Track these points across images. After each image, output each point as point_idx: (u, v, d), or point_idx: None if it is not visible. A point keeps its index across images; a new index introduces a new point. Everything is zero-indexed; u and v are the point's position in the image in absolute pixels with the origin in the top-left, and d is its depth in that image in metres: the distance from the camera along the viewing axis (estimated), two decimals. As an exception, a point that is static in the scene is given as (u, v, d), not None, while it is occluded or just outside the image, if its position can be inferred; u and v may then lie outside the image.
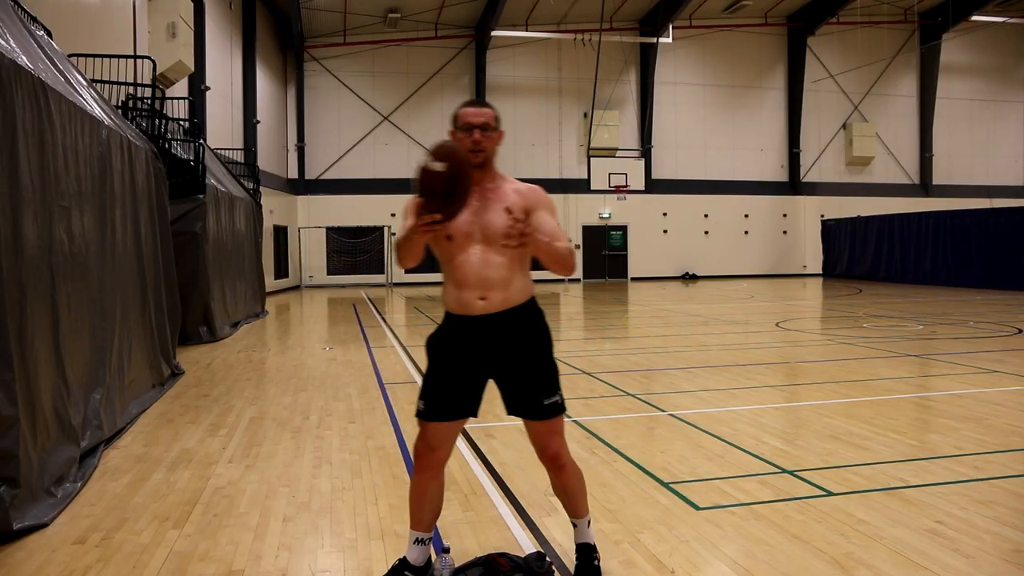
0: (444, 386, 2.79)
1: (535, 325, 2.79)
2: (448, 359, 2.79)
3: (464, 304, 2.72)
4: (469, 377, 2.78)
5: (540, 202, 2.79)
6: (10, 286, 3.64)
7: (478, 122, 2.73)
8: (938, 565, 2.93)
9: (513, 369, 2.75)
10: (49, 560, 3.14)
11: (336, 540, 3.34)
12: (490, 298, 2.70)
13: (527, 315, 2.77)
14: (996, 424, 5.20)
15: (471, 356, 2.75)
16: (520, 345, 2.75)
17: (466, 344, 2.75)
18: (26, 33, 5.24)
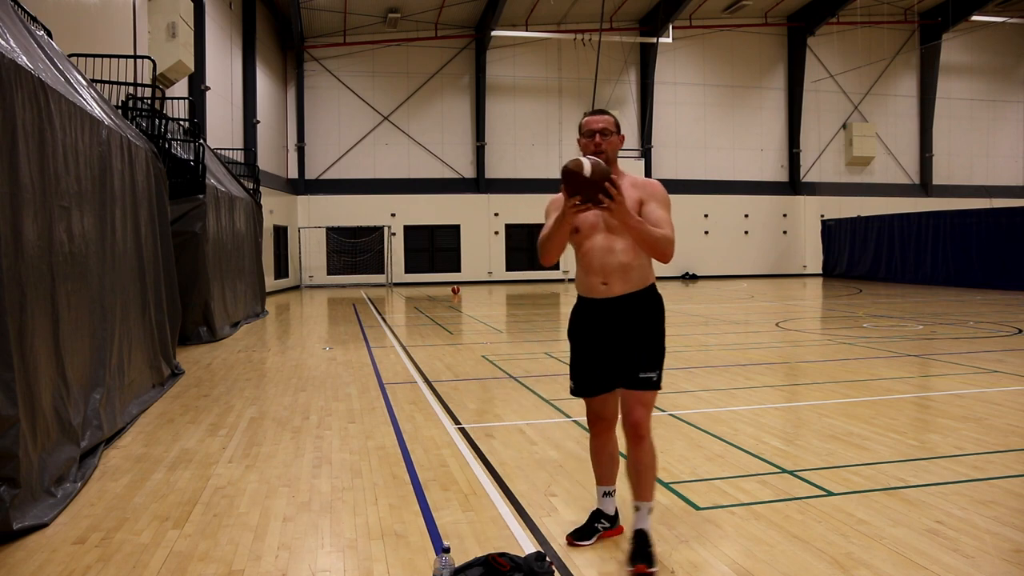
0: (583, 365, 3.19)
1: (651, 309, 3.12)
2: (581, 339, 3.19)
3: (590, 288, 3.12)
4: (601, 353, 3.12)
5: (654, 195, 3.09)
6: (10, 286, 3.63)
7: (598, 127, 3.11)
8: (938, 565, 2.93)
9: (626, 345, 3.08)
10: (49, 560, 3.14)
11: (336, 540, 3.34)
12: (611, 283, 3.06)
13: (645, 300, 3.11)
14: (996, 424, 5.20)
15: (598, 334, 3.12)
16: (634, 323, 3.08)
17: (593, 323, 3.13)
18: (26, 33, 5.24)
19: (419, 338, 11.01)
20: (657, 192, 3.11)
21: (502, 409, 5.99)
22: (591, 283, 3.10)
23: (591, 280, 3.10)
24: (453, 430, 5.29)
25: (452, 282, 25.33)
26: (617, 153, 3.16)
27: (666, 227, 2.97)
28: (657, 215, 3.01)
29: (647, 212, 3.02)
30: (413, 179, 26.89)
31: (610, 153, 3.11)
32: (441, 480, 4.15)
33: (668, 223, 3.01)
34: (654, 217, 3.00)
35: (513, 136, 27.48)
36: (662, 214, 3.02)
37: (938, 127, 30.23)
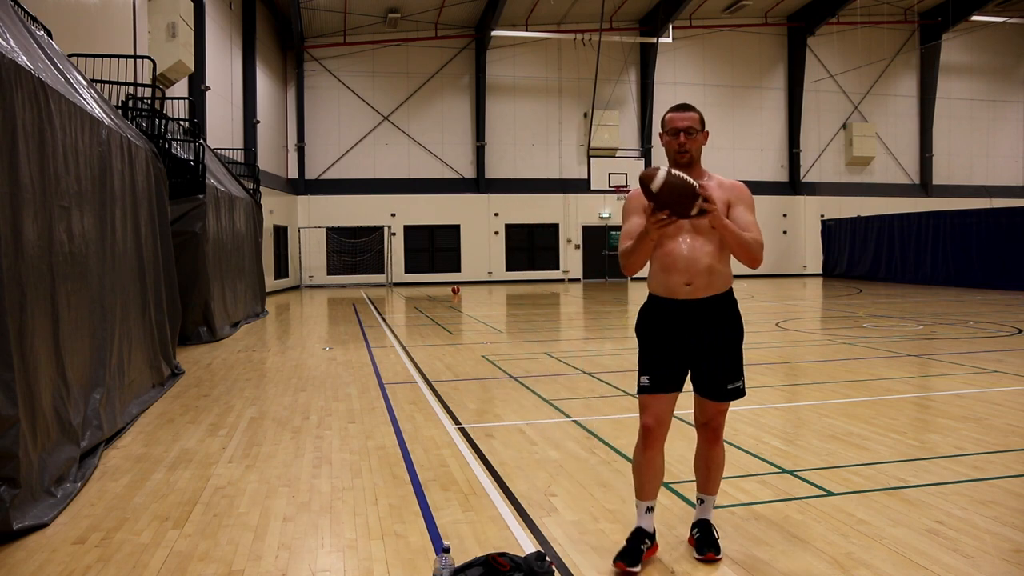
0: (661, 360, 3.03)
1: (733, 313, 3.07)
2: (659, 337, 3.05)
3: (671, 288, 3.00)
4: (677, 354, 3.04)
5: (741, 198, 3.04)
6: (10, 286, 3.63)
7: (683, 126, 3.01)
8: (938, 565, 2.93)
9: (708, 353, 3.02)
10: (49, 560, 3.14)
11: (336, 540, 3.34)
12: (695, 283, 2.97)
13: (726, 304, 3.05)
14: (996, 424, 5.20)
15: (677, 335, 3.02)
16: (718, 331, 3.02)
17: (672, 324, 3.02)
18: (26, 33, 5.24)
19: (419, 338, 11.01)
20: (744, 195, 3.06)
21: (502, 409, 5.99)
22: (673, 283, 2.99)
23: (673, 280, 2.99)
24: (453, 430, 5.29)
25: (452, 282, 25.33)
26: (701, 152, 3.07)
27: (755, 231, 2.95)
28: (746, 219, 2.97)
29: (736, 216, 2.97)
30: (413, 179, 26.89)
31: (695, 153, 3.03)
32: (441, 480, 4.15)
33: (756, 227, 2.98)
34: (743, 221, 2.96)
35: (513, 136, 27.48)
36: (750, 218, 2.99)
37: (938, 127, 30.23)
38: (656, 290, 3.07)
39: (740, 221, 2.96)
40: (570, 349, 9.61)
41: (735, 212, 2.99)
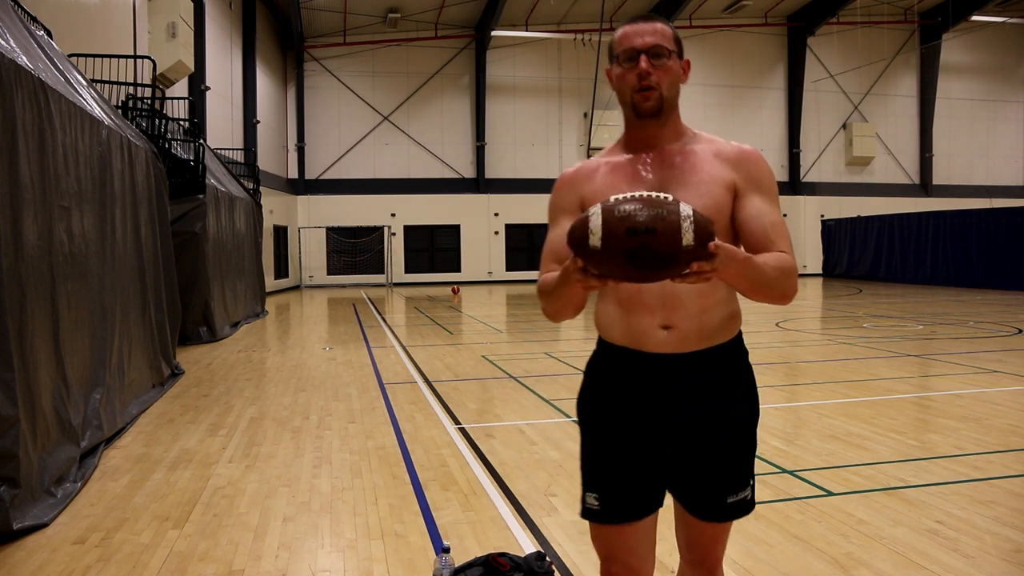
0: (619, 464, 1.80)
1: (741, 378, 1.86)
2: (616, 420, 1.79)
3: (637, 335, 1.75)
4: (648, 450, 1.79)
5: (754, 177, 1.74)
6: (10, 286, 3.64)
7: (645, 44, 1.71)
8: (938, 565, 2.93)
9: (701, 445, 1.79)
10: (49, 560, 3.14)
11: (336, 540, 3.34)
12: (677, 327, 1.72)
13: (731, 361, 1.83)
14: (996, 424, 5.20)
15: (648, 416, 1.77)
16: (717, 408, 1.79)
17: (640, 397, 1.77)
18: (26, 33, 5.24)
19: (419, 338, 11.01)
20: (760, 172, 1.75)
21: (502, 409, 5.99)
22: (640, 326, 1.75)
23: (640, 321, 1.75)
24: (453, 430, 5.29)
25: (452, 282, 25.33)
26: (678, 91, 1.76)
27: (782, 241, 1.69)
28: (765, 219, 1.70)
29: (751, 214, 1.71)
30: (413, 179, 26.90)
31: (667, 94, 1.72)
32: (441, 480, 4.15)
33: (783, 232, 1.71)
34: (761, 225, 1.70)
35: (513, 136, 27.48)
36: (772, 216, 1.72)
37: (938, 127, 30.23)
38: (611, 335, 1.81)
39: (754, 225, 1.70)
40: (570, 349, 9.61)
41: (746, 205, 1.72)
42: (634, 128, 1.80)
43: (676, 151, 1.78)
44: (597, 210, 1.40)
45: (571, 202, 1.83)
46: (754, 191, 1.74)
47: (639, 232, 1.35)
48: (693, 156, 1.77)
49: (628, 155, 1.81)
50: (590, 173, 1.83)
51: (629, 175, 1.78)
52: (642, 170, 1.78)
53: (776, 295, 1.64)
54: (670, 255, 1.37)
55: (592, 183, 1.81)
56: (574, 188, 1.84)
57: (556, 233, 1.80)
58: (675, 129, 1.80)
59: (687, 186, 1.72)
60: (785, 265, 1.64)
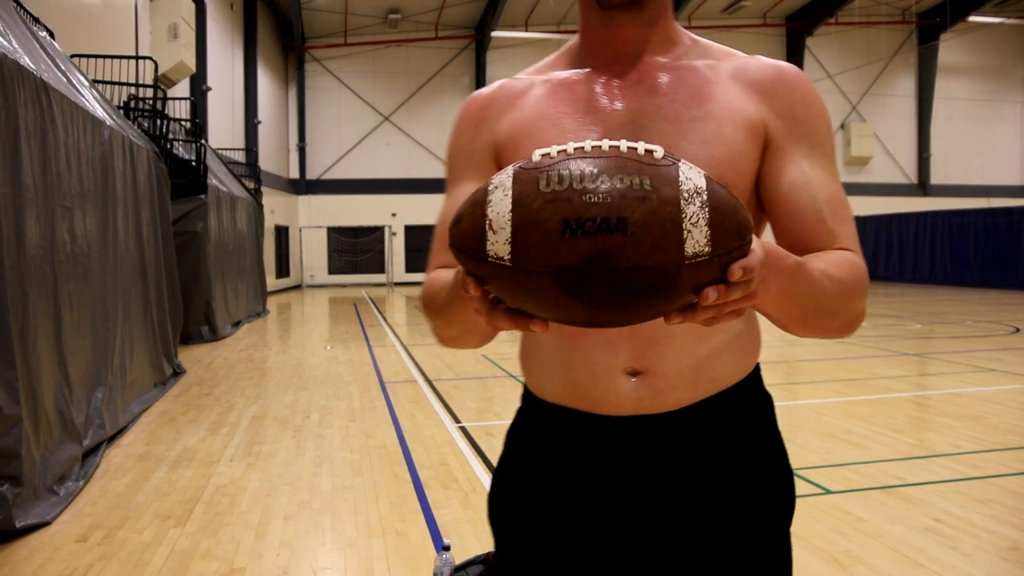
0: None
1: (766, 452, 1.07)
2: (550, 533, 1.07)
3: (585, 385, 1.04)
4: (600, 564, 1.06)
5: (804, 118, 1.01)
6: (13, 286, 3.65)
7: None
8: (936, 563, 2.95)
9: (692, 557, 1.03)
10: (51, 558, 3.16)
11: (337, 538, 3.36)
12: (654, 369, 1.01)
13: (747, 420, 1.06)
14: (994, 423, 5.22)
15: (606, 524, 1.04)
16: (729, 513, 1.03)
17: (590, 490, 1.05)
18: (28, 34, 5.26)
19: (419, 337, 11.03)
20: (812, 109, 1.02)
21: (502, 408, 6.01)
22: (592, 372, 1.02)
23: (592, 363, 1.02)
24: (453, 429, 5.31)
25: (452, 282, 25.34)
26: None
27: (845, 229, 0.97)
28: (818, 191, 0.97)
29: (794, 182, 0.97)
30: (414, 179, 26.90)
31: None
32: (442, 478, 4.17)
33: (845, 214, 0.98)
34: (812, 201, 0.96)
35: (513, 136, 27.51)
36: (830, 186, 0.98)
37: (936, 127, 30.25)
38: (545, 388, 1.11)
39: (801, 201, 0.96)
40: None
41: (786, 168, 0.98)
42: (595, 27, 1.04)
43: (665, 66, 1.03)
44: (505, 179, 0.71)
45: (479, 148, 1.09)
46: (800, 141, 0.99)
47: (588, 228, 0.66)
48: (694, 76, 1.02)
49: (582, 70, 1.06)
50: (512, 98, 1.11)
51: (580, 101, 1.03)
52: (604, 94, 1.02)
53: (837, 325, 0.92)
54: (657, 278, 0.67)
55: (513, 114, 1.07)
56: (484, 125, 1.09)
57: (453, 202, 1.09)
58: (665, 33, 1.05)
59: (682, 125, 0.98)
60: (857, 275, 0.92)
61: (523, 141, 1.03)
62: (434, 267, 1.06)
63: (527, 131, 1.04)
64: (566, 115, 1.02)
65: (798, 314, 0.88)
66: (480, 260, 0.71)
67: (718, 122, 0.98)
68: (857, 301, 0.93)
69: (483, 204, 0.71)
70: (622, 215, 0.66)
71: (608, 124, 1.00)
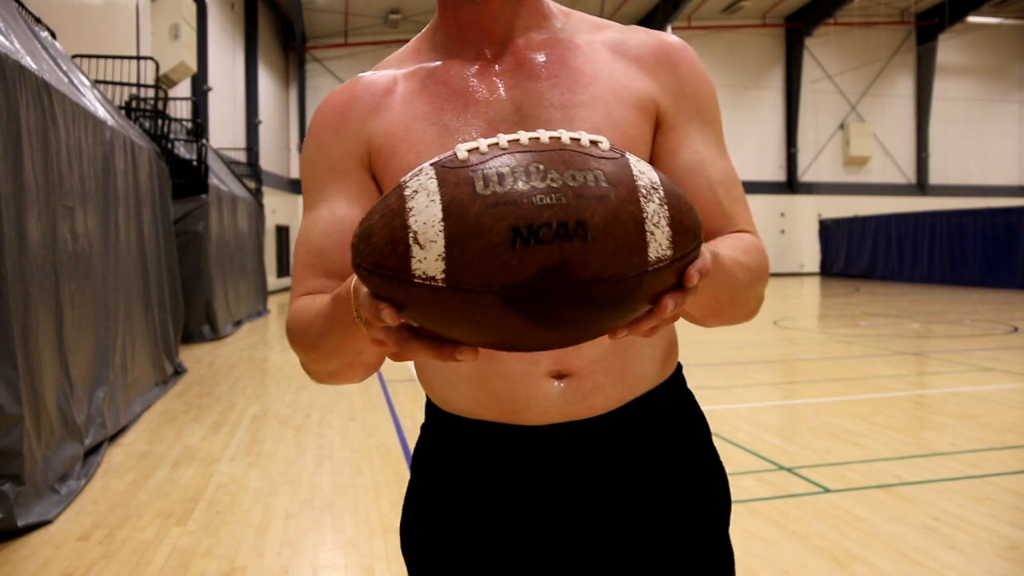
0: None
1: (697, 449, 1.07)
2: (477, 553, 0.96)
3: (504, 394, 0.93)
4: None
5: (693, 94, 0.95)
6: (14, 285, 3.67)
7: None
8: (934, 561, 2.97)
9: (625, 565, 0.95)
10: (53, 557, 3.18)
11: (338, 537, 3.37)
12: (580, 371, 0.92)
13: (677, 419, 1.05)
14: (992, 421, 5.23)
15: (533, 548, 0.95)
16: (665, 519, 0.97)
17: (515, 512, 0.95)
18: (30, 34, 5.27)
19: (419, 337, 11.04)
20: (700, 84, 0.95)
21: (502, 408, 6.02)
22: (511, 378, 0.91)
23: (511, 369, 0.90)
24: (453, 428, 5.32)
25: (452, 282, 25.34)
26: None
27: (740, 209, 1.00)
28: (712, 171, 0.94)
29: (685, 162, 0.92)
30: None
31: None
32: (442, 477, 4.18)
33: (738, 194, 0.99)
34: (706, 181, 0.93)
35: (512, 136, 27.52)
36: (721, 164, 0.96)
37: (934, 127, 30.28)
38: (454, 400, 0.97)
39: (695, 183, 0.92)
40: (570, 348, 9.63)
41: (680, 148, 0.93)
42: (458, 3, 0.93)
43: (541, 45, 0.94)
44: (426, 181, 0.60)
45: (344, 156, 0.95)
46: (692, 119, 0.94)
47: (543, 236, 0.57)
48: (575, 54, 0.94)
49: (450, 58, 0.96)
50: (377, 97, 0.96)
51: (457, 95, 0.93)
52: (482, 84, 0.93)
53: (744, 312, 0.91)
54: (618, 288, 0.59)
55: (384, 116, 0.94)
56: (347, 130, 0.95)
57: (319, 218, 0.94)
58: (535, 6, 0.96)
59: (570, 110, 0.90)
60: (761, 260, 0.92)
61: (401, 145, 0.91)
62: (299, 294, 0.91)
63: (404, 133, 0.92)
64: (444, 111, 0.91)
65: (713, 307, 0.85)
66: (402, 281, 0.58)
67: (607, 104, 0.90)
68: (762, 286, 0.91)
69: (401, 214, 0.58)
70: (581, 218, 0.57)
71: (491, 116, 0.90)
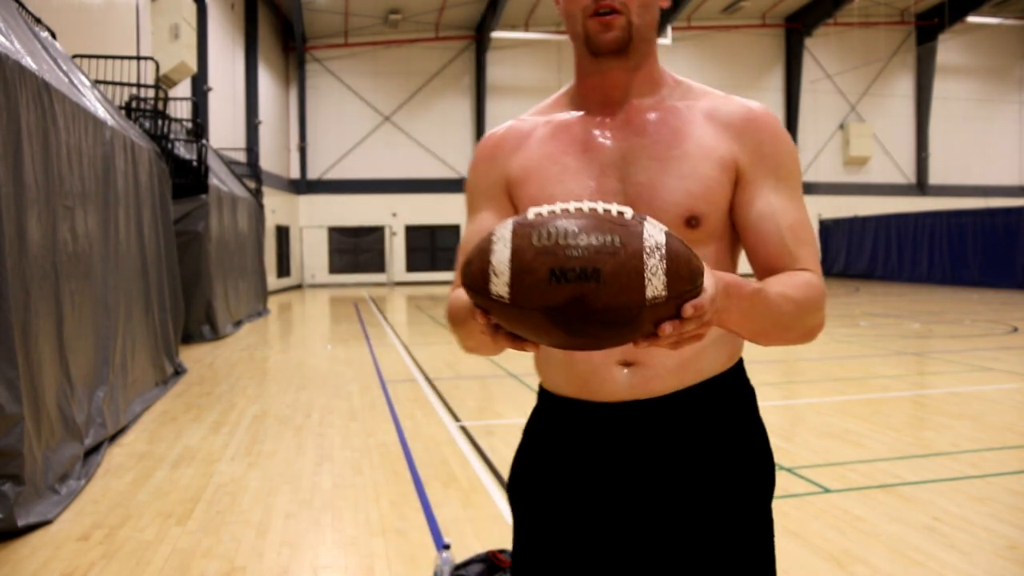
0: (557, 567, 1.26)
1: (747, 435, 1.25)
2: (557, 509, 1.27)
3: (584, 378, 1.22)
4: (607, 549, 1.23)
5: (771, 155, 1.18)
6: (15, 285, 3.67)
7: None
8: (934, 561, 2.97)
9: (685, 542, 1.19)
10: (53, 557, 3.18)
11: (338, 537, 3.37)
12: (645, 360, 1.19)
13: (730, 406, 1.25)
14: (992, 421, 5.23)
15: (602, 498, 1.23)
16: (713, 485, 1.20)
17: (588, 468, 1.24)
18: (30, 34, 5.28)
19: (420, 336, 11.05)
20: (780, 146, 1.19)
21: (502, 407, 6.03)
22: (589, 365, 1.22)
23: (589, 358, 1.22)
24: (454, 428, 5.32)
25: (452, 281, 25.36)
26: (656, 20, 1.23)
27: (806, 252, 1.15)
28: (782, 220, 1.16)
29: (761, 212, 1.16)
30: (414, 179, 26.93)
31: (637, 19, 1.17)
32: (442, 477, 4.18)
33: (807, 238, 1.17)
34: (776, 229, 1.15)
35: (513, 136, 27.52)
36: (794, 215, 1.17)
37: (934, 127, 30.26)
38: (554, 382, 1.31)
39: (766, 228, 1.16)
40: (570, 348, 9.62)
41: (755, 199, 1.17)
42: (589, 73, 1.21)
43: (650, 108, 1.20)
44: (505, 233, 0.88)
45: (493, 183, 1.29)
46: (767, 175, 1.15)
47: (569, 277, 0.83)
48: (675, 117, 1.19)
49: (578, 112, 1.24)
50: (520, 138, 1.26)
51: (578, 142, 1.20)
52: (598, 135, 1.20)
53: (795, 336, 1.10)
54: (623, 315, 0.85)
55: (522, 154, 1.24)
56: (496, 162, 1.28)
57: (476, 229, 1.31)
58: (649, 77, 1.22)
59: (664, 163, 1.15)
60: (812, 294, 1.09)
61: (532, 177, 1.24)
62: (456, 286, 1.20)
63: (535, 168, 1.24)
64: (567, 154, 1.21)
65: (759, 330, 1.06)
66: (485, 296, 0.89)
67: (694, 160, 1.16)
68: (812, 316, 1.11)
69: (487, 252, 0.89)
70: (596, 266, 0.84)
71: (602, 160, 1.20)
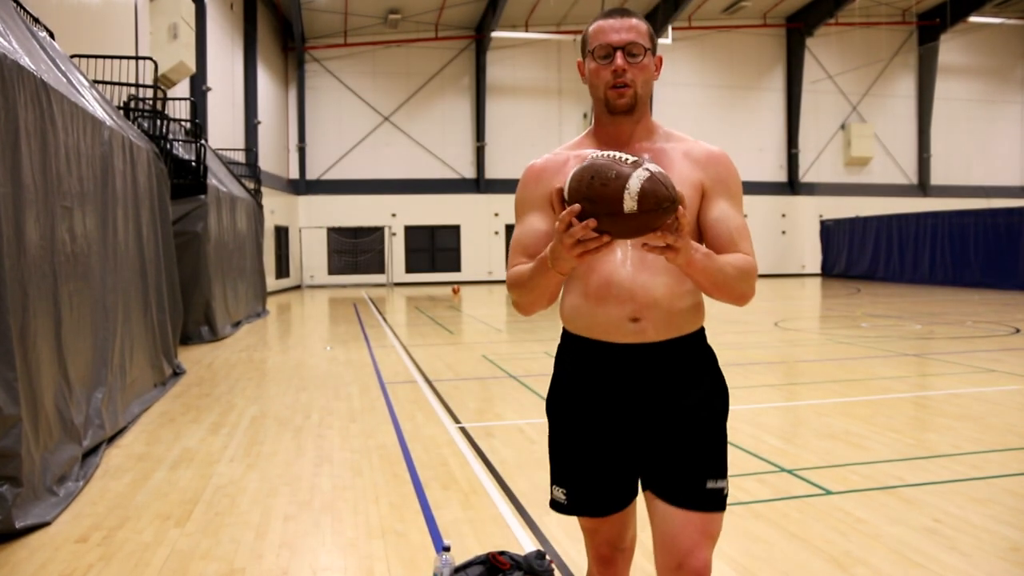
0: (588, 462, 1.85)
1: (707, 367, 1.87)
2: (583, 416, 1.84)
3: (605, 327, 1.80)
4: (620, 442, 1.83)
5: (721, 179, 1.80)
6: (12, 286, 3.66)
7: (622, 41, 1.73)
8: (936, 563, 2.95)
9: (672, 428, 1.79)
10: (52, 559, 3.17)
11: (337, 538, 3.36)
12: (646, 318, 1.77)
13: (698, 353, 1.86)
14: (993, 423, 5.22)
15: (616, 403, 1.82)
16: (686, 393, 1.81)
17: (608, 389, 1.82)
18: (29, 34, 5.26)
19: (419, 337, 11.03)
20: (728, 175, 1.82)
21: (502, 408, 6.01)
22: (608, 318, 1.78)
23: (608, 313, 1.78)
24: (453, 429, 5.31)
25: (452, 282, 25.34)
26: (651, 88, 1.84)
27: (745, 243, 1.76)
28: (731, 223, 1.77)
29: (714, 216, 1.78)
30: (413, 179, 26.92)
31: (640, 91, 1.77)
32: (441, 479, 4.17)
33: (746, 235, 1.78)
34: (725, 227, 1.76)
35: (513, 137, 27.48)
36: (737, 220, 1.79)
37: (936, 127, 30.26)
38: (578, 328, 1.86)
39: (720, 227, 1.76)
40: (570, 349, 9.61)
41: (713, 207, 1.78)
42: (606, 124, 1.84)
43: (646, 149, 1.82)
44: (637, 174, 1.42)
45: (540, 196, 1.84)
46: (721, 194, 1.80)
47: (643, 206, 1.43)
48: (664, 156, 1.81)
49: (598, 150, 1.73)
50: (559, 167, 1.84)
51: None
52: None
53: (735, 295, 1.71)
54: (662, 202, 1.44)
55: (561, 177, 1.76)
56: (542, 182, 1.85)
57: (525, 227, 1.86)
58: (646, 126, 1.87)
59: None
60: (747, 267, 1.71)
61: None
62: (512, 265, 1.82)
63: None
64: None
65: (710, 282, 1.64)
66: (613, 212, 1.43)
67: (678, 184, 1.67)
68: (746, 282, 1.71)
69: (621, 185, 1.42)
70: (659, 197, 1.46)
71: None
